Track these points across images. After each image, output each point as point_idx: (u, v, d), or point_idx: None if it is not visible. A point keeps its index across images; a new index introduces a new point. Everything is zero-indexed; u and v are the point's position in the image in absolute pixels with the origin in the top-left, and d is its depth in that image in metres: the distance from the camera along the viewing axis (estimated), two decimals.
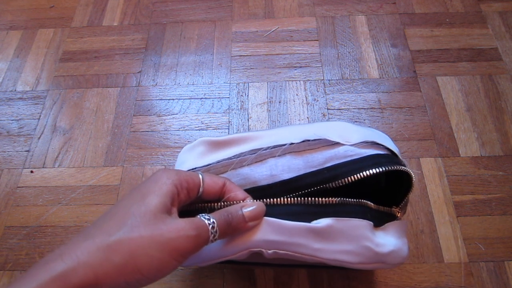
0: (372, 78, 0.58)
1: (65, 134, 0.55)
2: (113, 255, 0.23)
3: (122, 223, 0.25)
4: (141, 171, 0.52)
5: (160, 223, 0.25)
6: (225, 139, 0.35)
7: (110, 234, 0.24)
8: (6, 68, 0.63)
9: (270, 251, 0.30)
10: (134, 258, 0.24)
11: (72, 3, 0.70)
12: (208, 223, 0.27)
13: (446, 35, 0.61)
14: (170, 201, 0.27)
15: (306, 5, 0.66)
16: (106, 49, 0.64)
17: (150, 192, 0.27)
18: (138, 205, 0.26)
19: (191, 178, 0.29)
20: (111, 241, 0.24)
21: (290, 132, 0.34)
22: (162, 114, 0.56)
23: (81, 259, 0.23)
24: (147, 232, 0.24)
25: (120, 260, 0.23)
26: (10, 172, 0.53)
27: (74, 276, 0.22)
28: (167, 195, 0.27)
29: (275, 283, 0.43)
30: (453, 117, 0.54)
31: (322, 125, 0.34)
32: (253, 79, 0.59)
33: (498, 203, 0.47)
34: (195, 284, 0.43)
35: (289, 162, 0.32)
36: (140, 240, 0.24)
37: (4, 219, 0.49)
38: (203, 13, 0.67)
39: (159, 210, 0.26)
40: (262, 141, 0.34)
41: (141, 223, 0.25)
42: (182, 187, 0.28)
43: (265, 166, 0.32)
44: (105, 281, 0.23)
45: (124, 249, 0.24)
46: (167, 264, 0.25)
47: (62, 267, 0.22)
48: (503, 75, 0.57)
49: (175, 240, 0.25)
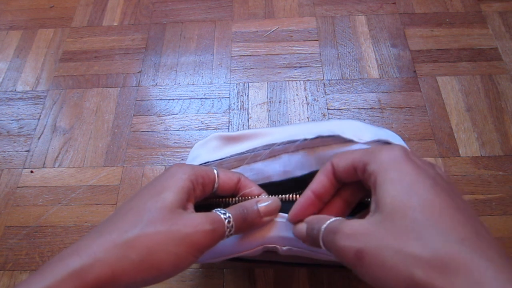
0: (372, 78, 0.58)
1: (65, 134, 0.55)
2: (130, 252, 0.23)
3: (138, 219, 0.24)
4: (141, 171, 0.52)
5: (177, 218, 0.25)
6: (238, 134, 0.35)
7: (127, 230, 0.24)
8: (6, 68, 0.63)
9: (284, 248, 0.30)
10: (151, 255, 0.23)
11: (72, 3, 0.70)
12: (224, 218, 0.26)
13: (446, 35, 0.61)
14: (186, 197, 0.26)
15: (306, 5, 0.66)
16: (106, 49, 0.64)
17: (165, 188, 0.26)
18: (154, 201, 0.25)
19: (206, 173, 0.29)
20: (128, 238, 0.23)
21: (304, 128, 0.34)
22: (162, 114, 0.56)
23: (97, 255, 0.22)
24: (164, 228, 0.24)
25: (137, 257, 0.23)
26: (10, 172, 0.53)
27: (91, 273, 0.22)
28: (183, 190, 0.26)
29: (275, 283, 0.43)
30: (453, 117, 0.54)
31: (335, 123, 0.34)
32: (253, 79, 0.59)
33: (498, 203, 0.47)
34: (195, 284, 0.43)
35: (302, 158, 0.32)
36: (157, 236, 0.24)
37: (4, 219, 0.49)
38: (203, 13, 0.67)
39: (176, 206, 0.25)
40: (276, 136, 0.33)
41: (158, 218, 0.24)
42: (197, 183, 0.28)
43: (278, 162, 0.32)
44: (122, 278, 0.23)
45: (141, 246, 0.23)
46: (184, 259, 0.24)
47: (79, 263, 0.22)
48: (503, 75, 0.57)
49: (192, 235, 0.24)
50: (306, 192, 0.27)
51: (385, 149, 0.23)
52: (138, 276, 0.23)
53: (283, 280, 0.43)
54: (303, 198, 0.27)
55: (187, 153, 0.53)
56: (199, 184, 0.28)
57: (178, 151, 0.53)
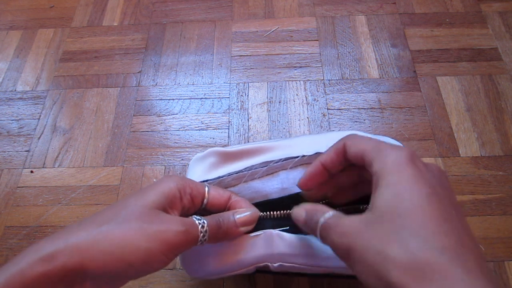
0: (372, 78, 0.58)
1: (65, 134, 0.55)
2: (101, 242, 0.24)
3: (116, 214, 0.26)
4: (141, 171, 0.52)
5: (152, 216, 0.26)
6: (236, 150, 0.35)
7: (103, 223, 0.25)
8: (6, 68, 0.63)
9: (275, 264, 0.30)
10: (121, 248, 0.24)
11: (72, 3, 0.70)
12: (198, 223, 0.28)
13: (446, 35, 0.61)
14: (168, 202, 0.27)
15: (306, 5, 0.66)
16: (106, 49, 0.64)
17: (150, 190, 0.28)
18: (136, 199, 0.27)
19: (195, 186, 0.30)
20: (102, 230, 0.24)
21: (303, 143, 0.34)
22: (162, 114, 0.56)
23: (69, 243, 0.24)
24: (137, 224, 0.25)
25: (108, 248, 0.24)
26: (10, 172, 0.53)
27: (60, 257, 0.23)
28: (167, 195, 0.27)
29: (275, 284, 0.43)
30: (453, 117, 0.54)
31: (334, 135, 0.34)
32: (253, 79, 0.59)
33: (498, 203, 0.47)
34: (195, 284, 0.43)
35: (300, 175, 0.32)
36: (130, 231, 0.25)
37: (4, 219, 0.49)
38: (203, 13, 0.67)
39: (155, 206, 0.26)
40: (274, 153, 0.34)
41: (134, 215, 0.25)
42: (185, 192, 0.29)
43: (276, 179, 0.32)
44: (91, 266, 0.23)
45: (113, 238, 0.24)
46: (154, 256, 0.25)
47: (51, 249, 0.23)
48: (503, 75, 0.57)
49: (163, 232, 0.25)
50: (316, 162, 0.28)
51: (393, 150, 0.24)
52: (107, 267, 0.24)
53: (283, 281, 0.43)
54: (312, 167, 0.29)
55: (187, 153, 0.53)
56: (187, 194, 0.29)
57: (178, 151, 0.53)
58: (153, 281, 0.43)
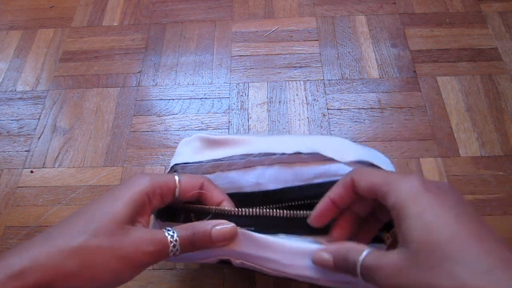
0: (372, 78, 0.58)
1: (65, 134, 0.55)
2: (70, 260, 0.24)
3: (86, 227, 0.25)
4: (141, 171, 0.52)
5: (122, 235, 0.26)
6: (220, 138, 0.35)
7: (72, 238, 0.25)
8: (6, 68, 0.63)
9: (237, 261, 0.30)
10: (90, 268, 0.24)
11: (72, 3, 0.70)
12: (170, 241, 0.27)
13: (446, 35, 0.61)
14: (137, 211, 0.27)
15: (306, 5, 0.66)
16: (106, 49, 0.64)
17: (119, 199, 0.27)
18: (105, 212, 0.26)
19: (165, 183, 0.30)
20: (71, 246, 0.24)
21: (285, 141, 0.34)
22: (162, 114, 0.56)
23: (39, 260, 0.23)
24: (106, 243, 0.25)
25: (76, 267, 0.24)
26: (10, 172, 0.53)
27: (30, 275, 0.23)
28: (136, 204, 0.27)
29: (275, 283, 0.43)
30: (453, 117, 0.54)
31: (320, 139, 0.34)
32: (253, 79, 0.59)
33: (498, 203, 0.47)
34: (195, 284, 0.43)
35: (277, 172, 0.32)
36: (98, 250, 0.25)
37: (4, 219, 0.49)
38: (203, 13, 0.67)
39: (124, 221, 0.26)
40: (255, 146, 0.33)
41: (103, 231, 0.25)
42: (154, 194, 0.29)
43: (252, 173, 0.32)
44: (59, 284, 0.23)
45: (81, 257, 0.24)
46: (123, 274, 0.25)
47: (19, 266, 0.23)
48: (503, 75, 0.57)
49: (132, 254, 0.25)
50: (325, 198, 0.28)
51: (403, 181, 0.24)
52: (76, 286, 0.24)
53: (283, 281, 0.43)
54: (322, 204, 0.28)
55: None
56: (157, 195, 0.29)
57: None
58: (153, 281, 0.43)
